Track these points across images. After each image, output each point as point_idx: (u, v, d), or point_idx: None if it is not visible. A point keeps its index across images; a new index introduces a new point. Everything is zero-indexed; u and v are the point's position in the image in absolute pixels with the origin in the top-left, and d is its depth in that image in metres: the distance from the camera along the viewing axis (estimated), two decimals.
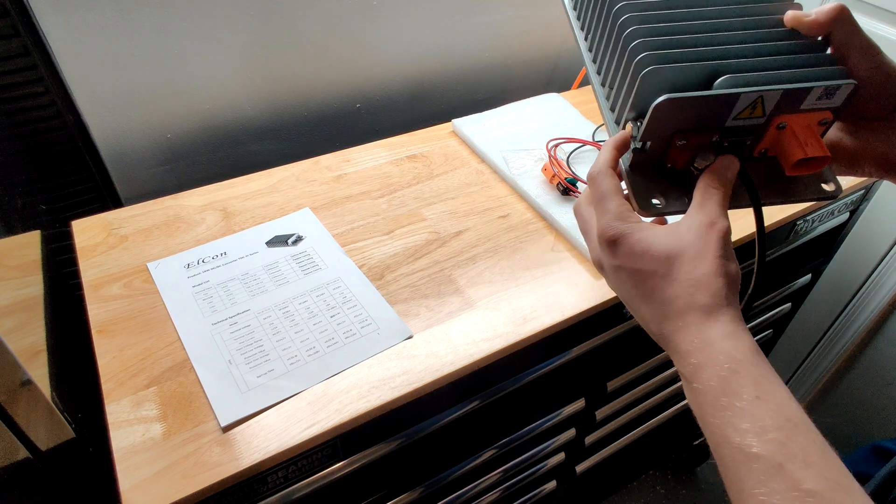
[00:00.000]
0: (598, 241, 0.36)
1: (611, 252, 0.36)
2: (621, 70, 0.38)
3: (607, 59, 0.41)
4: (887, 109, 0.37)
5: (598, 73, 0.43)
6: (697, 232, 0.34)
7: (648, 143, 0.37)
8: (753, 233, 0.75)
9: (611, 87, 0.41)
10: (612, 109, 0.41)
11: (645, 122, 0.35)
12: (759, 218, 0.37)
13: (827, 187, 0.38)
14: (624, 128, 0.38)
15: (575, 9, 0.47)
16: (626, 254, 0.35)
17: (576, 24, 0.47)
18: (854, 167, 0.40)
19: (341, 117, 0.96)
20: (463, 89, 1.05)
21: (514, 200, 0.77)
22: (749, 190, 0.37)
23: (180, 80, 0.79)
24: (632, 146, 0.38)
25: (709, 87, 0.35)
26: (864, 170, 0.39)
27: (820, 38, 0.37)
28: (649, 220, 0.37)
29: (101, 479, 0.60)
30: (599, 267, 0.39)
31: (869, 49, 0.36)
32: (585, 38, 0.46)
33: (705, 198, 0.35)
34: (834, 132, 0.40)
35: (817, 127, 0.36)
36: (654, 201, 0.37)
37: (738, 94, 0.34)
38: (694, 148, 0.37)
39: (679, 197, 0.38)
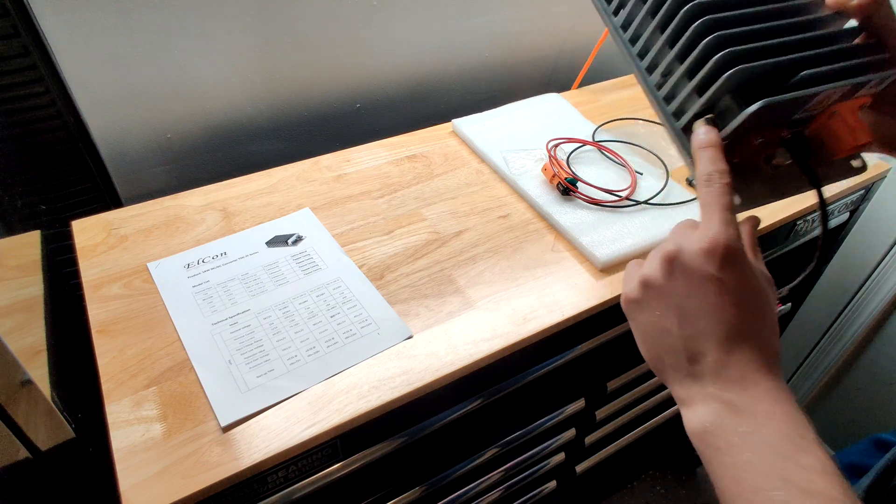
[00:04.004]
0: (706, 251, 0.33)
1: (721, 264, 0.33)
2: (687, 62, 0.37)
3: (660, 45, 0.40)
4: None
5: (641, 56, 0.41)
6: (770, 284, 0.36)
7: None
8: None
9: (664, 76, 0.40)
10: (668, 100, 0.39)
11: (735, 123, 0.34)
12: (822, 202, 0.38)
13: (855, 164, 0.39)
14: (689, 123, 0.38)
15: None
16: (738, 270, 0.33)
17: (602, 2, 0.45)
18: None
19: (341, 117, 0.96)
20: (463, 89, 1.05)
21: (514, 200, 0.77)
22: (810, 178, 0.38)
23: (180, 80, 0.79)
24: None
25: (777, 84, 0.35)
26: (872, 147, 0.41)
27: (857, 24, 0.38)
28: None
29: (101, 479, 0.60)
30: (660, 267, 0.35)
31: None
32: (615, 13, 0.44)
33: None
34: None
35: (858, 112, 0.37)
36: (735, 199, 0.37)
37: (820, 91, 0.33)
38: (767, 144, 0.37)
39: (739, 190, 0.37)
